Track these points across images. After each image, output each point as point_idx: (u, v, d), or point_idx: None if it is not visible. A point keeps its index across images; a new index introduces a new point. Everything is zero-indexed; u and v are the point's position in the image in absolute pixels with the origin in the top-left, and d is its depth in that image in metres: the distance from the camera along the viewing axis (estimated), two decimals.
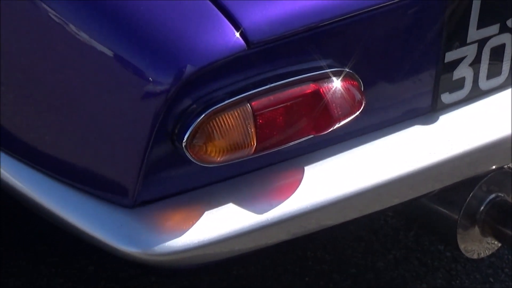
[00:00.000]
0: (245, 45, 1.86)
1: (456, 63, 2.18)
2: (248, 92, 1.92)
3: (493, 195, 2.33)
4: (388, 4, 2.01)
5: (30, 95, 2.09)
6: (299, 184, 2.07)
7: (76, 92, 2.00)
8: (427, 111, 2.22)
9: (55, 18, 1.95)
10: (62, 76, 2.01)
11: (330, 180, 2.09)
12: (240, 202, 2.02)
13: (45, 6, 1.96)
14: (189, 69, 1.84)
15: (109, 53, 1.89)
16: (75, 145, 2.04)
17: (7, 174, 2.12)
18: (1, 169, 2.13)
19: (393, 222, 2.88)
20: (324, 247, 2.79)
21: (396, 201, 2.19)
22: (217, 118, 1.91)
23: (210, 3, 1.89)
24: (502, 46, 2.25)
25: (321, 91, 1.97)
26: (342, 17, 1.96)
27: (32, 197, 2.08)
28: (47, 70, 2.04)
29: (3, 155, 2.13)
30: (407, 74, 2.15)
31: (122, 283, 2.66)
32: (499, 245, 2.40)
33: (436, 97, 2.21)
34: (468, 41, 2.18)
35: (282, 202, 2.04)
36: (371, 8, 1.99)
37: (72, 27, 1.93)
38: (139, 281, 2.66)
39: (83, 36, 1.92)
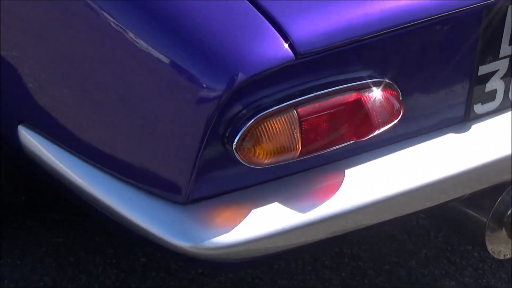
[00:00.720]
0: (293, 55, 1.86)
1: (488, 76, 2.17)
2: (294, 99, 1.92)
3: None
4: (427, 20, 1.99)
5: (92, 98, 2.10)
6: (339, 186, 2.06)
7: (135, 97, 2.00)
8: (460, 120, 2.21)
9: (116, 27, 1.95)
10: (122, 81, 2.02)
11: (368, 183, 2.08)
12: (284, 201, 2.02)
13: (107, 15, 1.96)
14: (240, 77, 1.84)
15: (167, 60, 1.89)
16: (133, 146, 2.05)
17: (71, 172, 2.13)
18: (66, 169, 2.14)
19: (425, 223, 2.87)
20: (360, 245, 2.78)
21: (428, 204, 2.18)
22: (265, 123, 1.90)
23: (261, 15, 1.89)
24: None
25: (363, 100, 1.96)
26: (383, 31, 1.95)
27: (93, 194, 2.09)
28: (108, 75, 2.04)
29: (68, 155, 2.14)
30: (442, 85, 2.15)
31: (172, 274, 2.66)
32: None
33: (469, 107, 2.19)
34: (500, 55, 2.16)
35: (323, 202, 2.03)
36: (411, 24, 1.98)
37: (132, 35, 1.93)
38: (188, 272, 2.66)
39: (142, 44, 1.92)
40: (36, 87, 2.19)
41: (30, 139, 2.22)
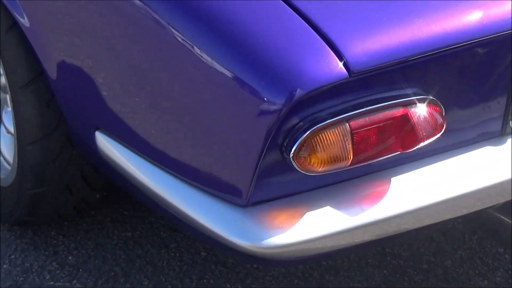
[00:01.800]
0: (347, 74, 1.85)
1: None
2: (347, 113, 1.90)
3: None
4: (468, 43, 1.97)
5: (161, 108, 2.10)
6: (385, 193, 2.05)
7: (202, 108, 2.00)
8: (497, 134, 2.18)
9: (185, 43, 1.95)
10: (190, 93, 2.01)
11: (411, 191, 2.07)
12: (335, 206, 2.01)
13: (176, 32, 1.96)
14: (299, 92, 1.83)
15: (233, 75, 1.89)
16: (199, 152, 2.04)
17: (142, 174, 2.14)
18: (138, 171, 2.14)
19: (460, 226, 2.84)
20: (401, 245, 2.76)
21: (465, 211, 2.17)
22: (320, 135, 1.89)
23: (318, 36, 1.88)
24: None
25: (409, 115, 1.95)
26: (429, 53, 1.93)
27: (162, 195, 2.09)
28: (177, 87, 2.05)
29: (140, 159, 2.14)
30: (481, 102, 2.13)
31: (229, 267, 2.66)
32: None
33: (505, 122, 2.17)
34: None
35: (370, 208, 2.02)
36: (453, 46, 1.96)
37: (202, 53, 1.93)
38: (244, 266, 2.65)
39: (210, 59, 1.92)
40: (110, 97, 2.19)
41: (105, 143, 2.23)
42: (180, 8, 1.97)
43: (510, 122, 2.17)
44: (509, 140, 2.19)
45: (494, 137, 2.18)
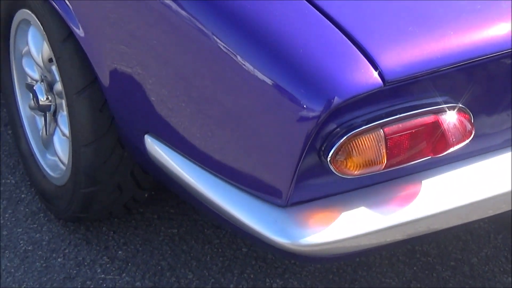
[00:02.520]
0: (382, 83, 1.84)
1: None
2: (381, 120, 1.90)
3: None
4: (495, 54, 1.95)
5: (207, 113, 2.10)
6: (416, 195, 2.04)
7: (245, 114, 2.00)
8: None
9: (230, 53, 1.94)
10: (234, 100, 2.02)
11: (441, 194, 2.06)
12: (369, 207, 2.01)
13: (221, 42, 1.95)
14: (336, 100, 1.82)
15: (275, 84, 1.88)
16: (241, 155, 2.05)
17: (188, 176, 2.14)
18: (184, 172, 2.14)
19: (486, 226, 2.82)
20: (429, 243, 2.75)
21: (490, 212, 2.14)
22: (356, 140, 1.89)
23: (354, 47, 1.87)
24: None
25: (440, 121, 1.94)
26: (458, 64, 1.92)
27: (207, 195, 2.10)
28: (221, 94, 2.04)
29: (187, 161, 2.14)
30: (507, 110, 2.10)
31: (269, 263, 2.65)
32: None
33: None
34: None
35: (402, 209, 2.02)
36: (482, 57, 1.94)
37: (242, 60, 1.92)
38: (282, 262, 2.65)
39: (254, 69, 1.91)
40: (159, 103, 2.20)
41: (154, 146, 2.23)
42: (227, 20, 1.97)
43: None
44: None
45: None
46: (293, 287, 2.59)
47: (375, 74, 1.84)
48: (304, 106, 1.85)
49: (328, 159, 1.89)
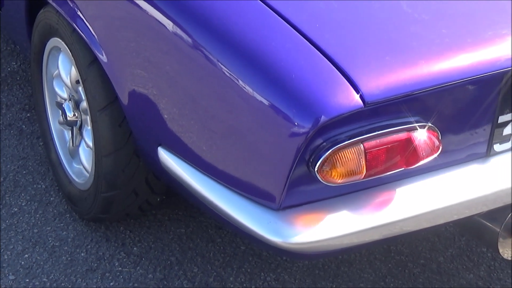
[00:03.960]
0: (362, 104, 1.85)
1: (506, 123, 2.12)
2: (362, 136, 1.91)
3: None
4: (462, 81, 1.97)
5: (211, 129, 2.11)
6: (391, 201, 2.05)
7: (243, 129, 2.01)
8: (483, 155, 2.16)
9: (232, 77, 1.96)
10: (234, 117, 2.02)
11: (412, 200, 2.06)
12: (351, 211, 2.01)
13: (222, 66, 1.97)
14: (323, 119, 1.84)
15: (269, 104, 1.90)
16: (240, 165, 2.05)
17: (196, 183, 2.15)
18: (192, 180, 2.15)
19: (451, 229, 2.83)
20: (402, 244, 2.75)
21: (455, 217, 2.14)
22: (340, 153, 1.90)
23: (339, 74, 1.88)
24: None
25: (412, 138, 1.95)
26: (429, 88, 1.93)
27: (211, 199, 2.11)
28: (224, 112, 2.05)
29: (194, 170, 2.15)
30: (471, 128, 2.11)
31: (263, 259, 2.66)
32: None
33: (490, 146, 2.15)
34: None
35: (379, 213, 2.02)
36: (449, 83, 1.95)
37: (242, 83, 1.94)
38: (275, 258, 2.65)
39: (250, 90, 1.93)
40: (170, 119, 2.21)
41: (166, 157, 2.23)
42: (231, 49, 1.98)
43: (494, 145, 2.16)
44: (492, 160, 2.17)
45: (480, 157, 2.16)
46: (285, 280, 2.59)
47: (357, 97, 1.85)
48: (296, 123, 1.86)
49: (316, 169, 1.91)
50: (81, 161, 2.69)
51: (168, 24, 2.08)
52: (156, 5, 2.11)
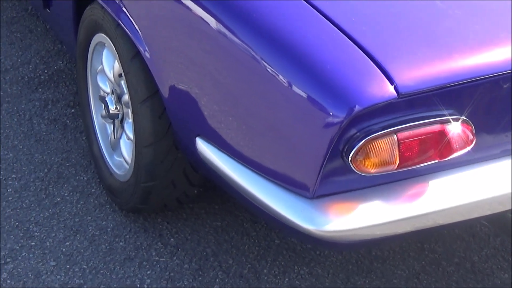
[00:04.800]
0: (396, 95, 1.87)
1: None
2: (395, 127, 1.92)
3: None
4: (494, 75, 1.97)
5: (249, 122, 2.13)
6: (424, 193, 2.05)
7: (281, 122, 2.03)
8: None
9: (272, 72, 1.98)
10: (271, 110, 2.04)
11: (445, 193, 2.07)
12: (383, 201, 2.02)
13: (263, 62, 2.00)
14: (357, 108, 1.86)
15: (305, 95, 1.92)
16: (277, 156, 2.07)
17: (233, 173, 2.18)
18: (230, 170, 2.18)
19: (486, 230, 2.81)
20: (436, 242, 2.75)
21: (488, 212, 2.14)
22: (373, 143, 1.91)
23: (374, 65, 1.90)
24: None
25: (445, 130, 1.95)
26: (465, 81, 1.94)
27: (248, 189, 2.13)
28: (261, 106, 2.07)
29: (232, 160, 2.18)
30: (505, 124, 2.10)
31: (298, 253, 2.67)
32: None
33: None
34: None
35: (411, 204, 2.03)
36: (481, 77, 1.96)
37: (281, 77, 1.96)
38: (309, 253, 2.67)
39: (288, 83, 1.95)
40: (208, 112, 2.23)
41: (204, 147, 2.26)
42: (271, 45, 2.00)
43: None
44: None
45: None
46: (318, 274, 2.60)
47: (391, 88, 1.87)
48: (330, 113, 1.88)
49: (349, 158, 1.92)
50: (121, 153, 2.73)
51: (212, 22, 2.11)
52: (199, 3, 2.14)
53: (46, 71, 3.51)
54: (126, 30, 2.42)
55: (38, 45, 3.68)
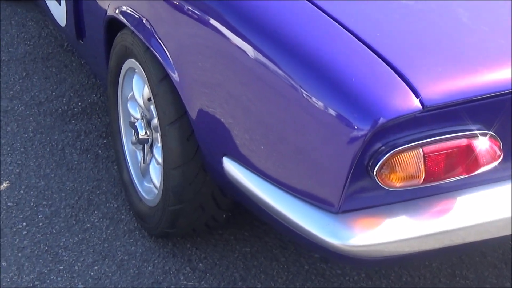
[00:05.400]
0: (421, 108, 1.86)
1: None
2: (421, 141, 1.90)
3: None
4: None
5: (273, 142, 2.13)
6: (452, 209, 2.03)
7: (305, 139, 2.02)
8: None
9: (297, 89, 1.98)
10: (299, 130, 2.03)
11: (473, 209, 2.04)
12: (409, 217, 2.00)
13: (287, 77, 2.00)
14: (381, 121, 1.85)
15: (331, 112, 1.92)
16: (302, 172, 2.06)
17: (258, 190, 2.17)
18: (255, 187, 2.18)
19: None
20: (468, 269, 2.70)
21: None
22: (398, 157, 1.90)
23: (399, 78, 1.89)
24: None
25: (472, 145, 1.94)
26: (490, 95, 1.93)
27: (273, 205, 2.12)
28: (288, 129, 2.06)
29: (256, 177, 2.18)
30: None
31: (327, 278, 2.64)
32: None
33: None
34: None
35: (439, 220, 2.00)
36: (506, 92, 1.94)
37: (305, 93, 1.96)
38: (340, 278, 2.63)
39: (313, 100, 1.95)
40: (236, 132, 2.23)
41: (230, 166, 2.26)
42: (298, 62, 2.00)
43: None
44: None
45: None
46: None
47: (416, 100, 1.86)
48: (355, 126, 1.87)
49: (375, 172, 1.91)
50: (151, 179, 2.74)
51: (246, 49, 2.11)
52: (227, 30, 2.16)
53: (79, 103, 3.55)
54: (156, 53, 2.44)
55: (73, 79, 3.73)
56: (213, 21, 2.21)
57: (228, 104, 2.25)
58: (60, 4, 3.19)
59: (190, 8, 2.28)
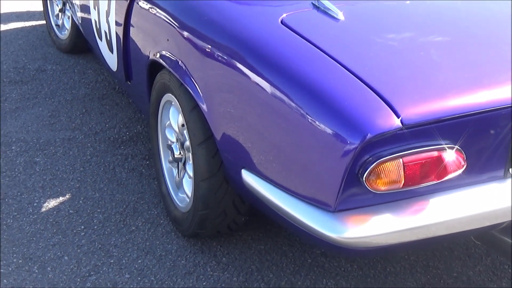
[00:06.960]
0: (401, 125, 1.84)
1: None
2: (401, 152, 1.89)
3: None
4: (479, 112, 1.93)
5: (281, 155, 2.10)
6: (426, 209, 2.00)
7: (306, 151, 2.00)
8: (501, 177, 2.09)
9: (297, 110, 1.97)
10: (303, 147, 2.02)
11: (443, 209, 2.01)
12: (393, 215, 1.97)
13: (291, 102, 1.99)
14: (369, 136, 1.83)
15: (327, 129, 1.90)
16: (305, 179, 2.04)
17: (271, 195, 2.15)
18: (268, 192, 2.15)
19: (479, 251, 2.71)
20: (439, 260, 2.66)
21: (477, 225, 2.06)
22: (383, 166, 1.88)
23: (383, 103, 1.88)
24: None
25: (442, 157, 1.92)
26: (460, 116, 1.91)
27: (281, 205, 2.10)
28: (293, 143, 2.04)
29: (269, 185, 2.15)
30: (491, 153, 2.05)
31: (326, 269, 2.60)
32: None
33: (506, 169, 2.09)
34: None
35: (416, 217, 1.98)
36: (470, 113, 1.93)
37: (303, 112, 1.95)
38: (337, 268, 2.59)
39: (310, 118, 1.94)
40: (251, 150, 2.22)
41: (248, 176, 2.24)
42: (301, 90, 1.99)
43: (510, 169, 2.09)
44: (508, 181, 2.09)
45: (498, 178, 2.09)
46: (342, 285, 2.52)
47: (397, 120, 1.85)
48: (348, 141, 1.86)
49: (364, 178, 1.89)
50: (184, 190, 2.72)
51: (265, 87, 2.09)
52: (246, 72, 2.16)
53: (127, 133, 3.55)
54: (188, 88, 2.44)
55: (122, 114, 3.73)
56: (235, 63, 2.20)
57: (246, 129, 2.24)
58: (112, 53, 3.20)
59: (217, 52, 2.28)
